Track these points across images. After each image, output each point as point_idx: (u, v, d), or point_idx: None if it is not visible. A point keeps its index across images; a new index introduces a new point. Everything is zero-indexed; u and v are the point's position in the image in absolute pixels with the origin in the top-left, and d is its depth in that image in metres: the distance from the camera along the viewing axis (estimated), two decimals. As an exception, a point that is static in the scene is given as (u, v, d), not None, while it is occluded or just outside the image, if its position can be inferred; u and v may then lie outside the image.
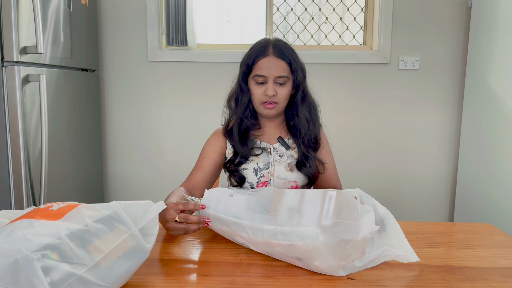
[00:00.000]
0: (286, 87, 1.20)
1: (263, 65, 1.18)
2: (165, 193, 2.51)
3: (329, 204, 0.80)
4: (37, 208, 0.66)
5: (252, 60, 1.20)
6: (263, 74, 1.18)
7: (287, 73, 1.19)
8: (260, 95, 1.19)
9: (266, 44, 1.20)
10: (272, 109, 1.21)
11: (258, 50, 1.20)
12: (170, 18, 2.38)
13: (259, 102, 1.21)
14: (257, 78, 1.19)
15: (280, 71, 1.18)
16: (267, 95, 1.18)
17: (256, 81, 1.20)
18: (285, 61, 1.19)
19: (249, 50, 1.23)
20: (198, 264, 0.84)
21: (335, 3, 2.52)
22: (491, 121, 2.02)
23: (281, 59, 1.18)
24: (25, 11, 1.58)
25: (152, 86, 2.45)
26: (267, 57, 1.18)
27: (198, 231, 0.96)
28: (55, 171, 1.80)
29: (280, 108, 1.22)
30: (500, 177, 1.94)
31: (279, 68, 1.18)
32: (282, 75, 1.18)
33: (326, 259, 0.76)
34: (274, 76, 1.17)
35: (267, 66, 1.17)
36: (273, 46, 1.20)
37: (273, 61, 1.18)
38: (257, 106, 1.23)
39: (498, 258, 0.88)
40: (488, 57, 2.06)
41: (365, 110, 2.44)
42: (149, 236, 0.74)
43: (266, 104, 1.20)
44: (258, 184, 1.24)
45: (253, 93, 1.21)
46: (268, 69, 1.17)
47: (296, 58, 1.22)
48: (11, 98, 1.56)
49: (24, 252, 0.53)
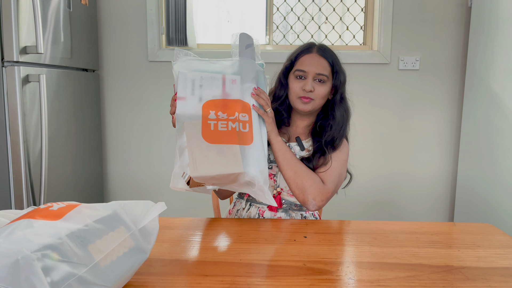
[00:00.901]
0: (325, 86, 1.22)
1: (305, 61, 1.22)
2: (165, 193, 2.51)
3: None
4: (37, 208, 0.66)
5: (295, 56, 1.25)
6: (304, 69, 1.21)
7: (327, 73, 1.21)
8: (298, 89, 1.22)
9: (312, 44, 1.26)
10: (307, 104, 1.22)
11: (303, 47, 1.25)
12: (170, 18, 2.38)
13: (296, 96, 1.23)
14: (298, 72, 1.22)
15: (321, 68, 1.20)
16: (304, 89, 1.20)
17: (296, 75, 1.23)
18: (327, 60, 1.22)
19: (295, 49, 1.28)
20: (198, 264, 0.84)
21: (335, 3, 2.52)
22: (491, 121, 2.02)
23: (323, 58, 1.22)
24: (25, 11, 1.58)
25: (152, 86, 2.45)
26: (311, 53, 1.22)
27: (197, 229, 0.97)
28: (55, 171, 1.80)
29: (316, 105, 1.23)
30: (500, 177, 1.94)
31: (320, 66, 1.21)
32: (323, 73, 1.20)
33: None
34: (314, 72, 1.20)
35: (309, 62, 1.21)
36: (318, 46, 1.25)
37: (316, 58, 1.21)
38: (294, 100, 1.24)
39: (498, 258, 0.88)
40: (488, 57, 2.06)
41: (365, 110, 2.44)
42: (149, 236, 0.74)
43: (303, 98, 1.21)
44: None
45: (292, 87, 1.23)
46: (310, 65, 1.21)
47: (338, 62, 1.25)
48: (11, 98, 1.56)
49: (24, 252, 0.53)
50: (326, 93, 1.23)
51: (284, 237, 1.01)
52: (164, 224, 1.05)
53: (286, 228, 1.07)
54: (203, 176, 0.96)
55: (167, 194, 2.50)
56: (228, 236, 1.00)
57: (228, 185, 1.03)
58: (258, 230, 1.05)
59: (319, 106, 1.25)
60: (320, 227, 1.08)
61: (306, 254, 0.89)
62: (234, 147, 0.99)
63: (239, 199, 1.34)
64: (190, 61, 1.10)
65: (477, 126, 2.15)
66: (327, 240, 0.98)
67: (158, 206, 0.76)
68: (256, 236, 1.00)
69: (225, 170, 0.97)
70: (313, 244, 0.95)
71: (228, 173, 0.97)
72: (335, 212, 2.40)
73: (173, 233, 1.01)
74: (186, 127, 1.00)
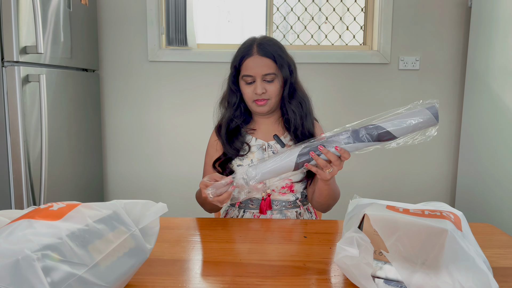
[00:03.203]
0: (275, 84, 1.21)
1: (249, 65, 1.20)
2: (164, 193, 2.51)
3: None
4: (37, 208, 0.66)
5: (239, 62, 1.22)
6: (250, 74, 1.19)
7: (274, 70, 1.20)
8: (251, 94, 1.21)
9: (251, 44, 1.22)
10: (264, 106, 1.22)
11: (243, 50, 1.22)
12: (170, 18, 2.38)
13: (250, 100, 1.23)
14: (246, 78, 1.21)
15: (266, 69, 1.19)
16: (256, 93, 1.19)
17: (245, 81, 1.22)
18: (270, 58, 1.20)
19: (236, 51, 1.26)
20: (198, 264, 0.84)
21: (335, 3, 2.52)
22: (491, 121, 2.02)
23: (266, 57, 1.19)
24: (25, 11, 1.58)
25: (152, 86, 2.44)
26: (252, 56, 1.20)
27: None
28: (55, 171, 1.80)
29: (272, 104, 1.23)
30: (500, 177, 1.94)
31: (264, 66, 1.19)
32: (269, 72, 1.19)
33: None
34: (261, 74, 1.19)
35: (253, 66, 1.19)
36: (257, 45, 1.21)
37: (258, 60, 1.19)
38: (249, 104, 1.25)
39: (498, 258, 0.88)
40: (488, 57, 2.06)
41: (365, 110, 2.44)
42: (150, 236, 0.74)
43: (258, 101, 1.22)
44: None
45: (244, 92, 1.23)
46: (254, 68, 1.19)
47: (282, 54, 1.22)
48: (11, 98, 1.56)
49: (25, 252, 0.53)
50: (278, 89, 1.22)
51: (284, 237, 1.01)
52: (164, 224, 1.05)
53: (286, 228, 1.07)
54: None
55: (167, 194, 2.50)
56: (228, 236, 1.00)
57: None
58: (258, 230, 1.05)
59: (276, 103, 1.25)
60: (320, 227, 1.08)
61: (306, 254, 0.89)
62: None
63: (231, 207, 1.33)
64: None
65: (477, 126, 2.15)
66: (327, 240, 0.98)
67: (159, 206, 0.75)
68: (256, 236, 1.00)
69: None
70: (313, 244, 0.95)
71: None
72: (335, 212, 2.40)
73: (173, 233, 1.01)
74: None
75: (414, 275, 0.66)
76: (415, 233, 0.67)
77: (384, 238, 0.69)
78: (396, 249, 0.68)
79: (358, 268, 0.69)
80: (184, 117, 2.46)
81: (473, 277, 0.63)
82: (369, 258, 0.68)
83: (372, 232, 0.71)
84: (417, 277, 0.66)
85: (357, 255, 0.69)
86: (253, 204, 1.26)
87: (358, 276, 0.69)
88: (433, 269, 0.65)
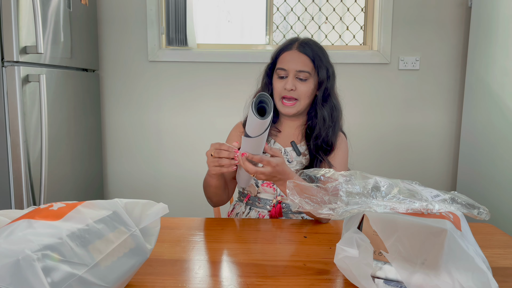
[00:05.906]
0: (307, 84, 1.18)
1: (285, 58, 1.19)
2: (164, 193, 2.51)
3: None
4: (37, 208, 0.66)
5: (277, 54, 1.21)
6: (284, 68, 1.18)
7: (309, 69, 1.18)
8: (280, 89, 1.19)
9: (294, 40, 1.22)
10: (291, 107, 1.19)
11: (284, 45, 1.22)
12: (170, 18, 2.38)
13: (278, 96, 1.20)
14: (279, 71, 1.19)
15: (301, 65, 1.17)
16: (286, 88, 1.17)
17: (278, 74, 1.20)
18: (308, 56, 1.18)
19: (278, 46, 1.25)
20: (198, 264, 0.84)
21: (335, 3, 2.52)
22: (491, 121, 2.02)
23: (304, 54, 1.18)
24: (25, 11, 1.58)
25: (152, 86, 2.44)
26: (291, 50, 1.19)
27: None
28: (55, 171, 1.80)
29: (300, 107, 1.20)
30: (500, 177, 1.94)
31: (300, 62, 1.17)
32: (303, 69, 1.17)
33: None
34: (294, 70, 1.17)
35: (289, 59, 1.18)
36: (299, 42, 1.21)
37: (295, 55, 1.18)
38: (277, 102, 1.21)
39: (498, 258, 0.88)
40: (488, 57, 2.06)
41: (365, 110, 2.44)
42: (150, 237, 0.74)
43: (285, 100, 1.19)
44: (263, 184, 1.24)
45: (274, 86, 1.21)
46: (290, 62, 1.17)
47: (322, 56, 1.20)
48: (11, 98, 1.56)
49: (25, 252, 0.53)
50: (310, 91, 1.19)
51: (284, 237, 1.01)
52: (165, 224, 1.05)
53: (286, 228, 1.07)
54: None
55: (167, 194, 2.50)
56: (228, 236, 1.01)
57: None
58: (258, 230, 1.05)
59: (305, 106, 1.21)
60: (320, 227, 1.08)
61: (306, 254, 0.89)
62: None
63: (238, 202, 1.31)
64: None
65: (477, 126, 2.15)
66: (327, 240, 0.98)
67: (160, 207, 0.75)
68: (256, 236, 1.00)
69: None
70: (313, 244, 0.95)
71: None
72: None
73: (173, 233, 1.01)
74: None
75: (414, 275, 0.66)
76: (415, 233, 0.67)
77: (384, 238, 0.69)
78: (395, 249, 0.68)
79: (358, 269, 0.69)
80: (184, 117, 2.46)
81: (472, 276, 0.63)
82: (368, 258, 0.68)
83: (372, 233, 0.71)
84: (416, 277, 0.66)
85: (357, 255, 0.69)
86: (260, 203, 1.25)
87: (358, 277, 0.69)
88: (433, 269, 0.65)
